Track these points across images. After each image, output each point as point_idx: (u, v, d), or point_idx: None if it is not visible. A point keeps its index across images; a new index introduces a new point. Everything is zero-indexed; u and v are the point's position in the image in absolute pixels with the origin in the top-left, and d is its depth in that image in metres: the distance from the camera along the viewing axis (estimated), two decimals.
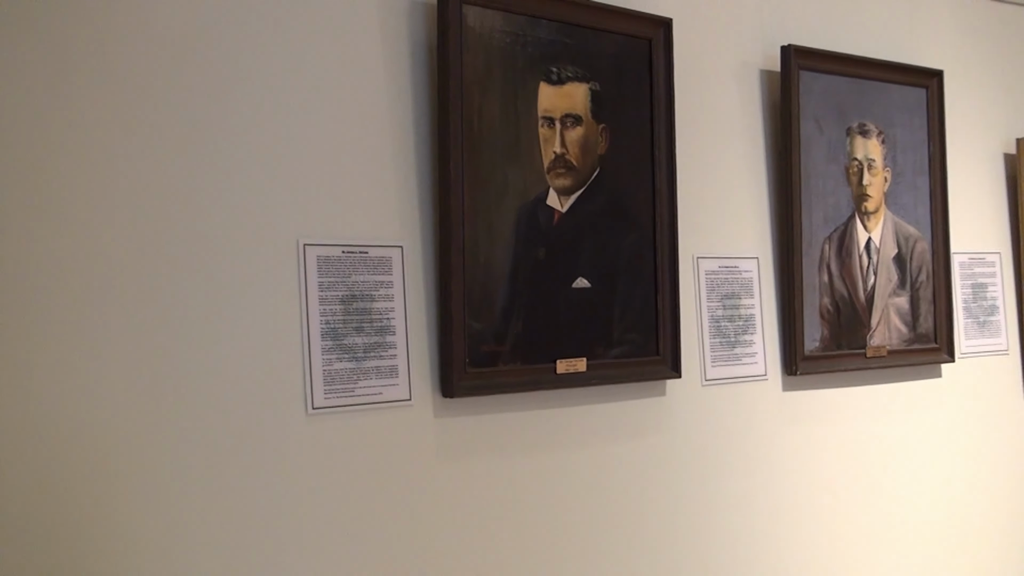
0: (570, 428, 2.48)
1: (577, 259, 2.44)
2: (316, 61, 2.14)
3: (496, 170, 2.31)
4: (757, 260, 2.83)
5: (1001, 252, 3.40)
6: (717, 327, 2.74)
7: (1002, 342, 3.37)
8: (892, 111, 3.08)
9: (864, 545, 3.02)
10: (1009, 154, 3.43)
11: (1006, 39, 3.47)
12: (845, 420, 3.00)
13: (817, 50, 2.90)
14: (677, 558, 2.65)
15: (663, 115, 2.60)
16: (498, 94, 2.32)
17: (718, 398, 2.74)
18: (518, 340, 2.34)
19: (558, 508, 2.45)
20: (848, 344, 2.95)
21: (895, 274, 3.06)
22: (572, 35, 2.45)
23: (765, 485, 2.82)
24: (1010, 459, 3.38)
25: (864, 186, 3.00)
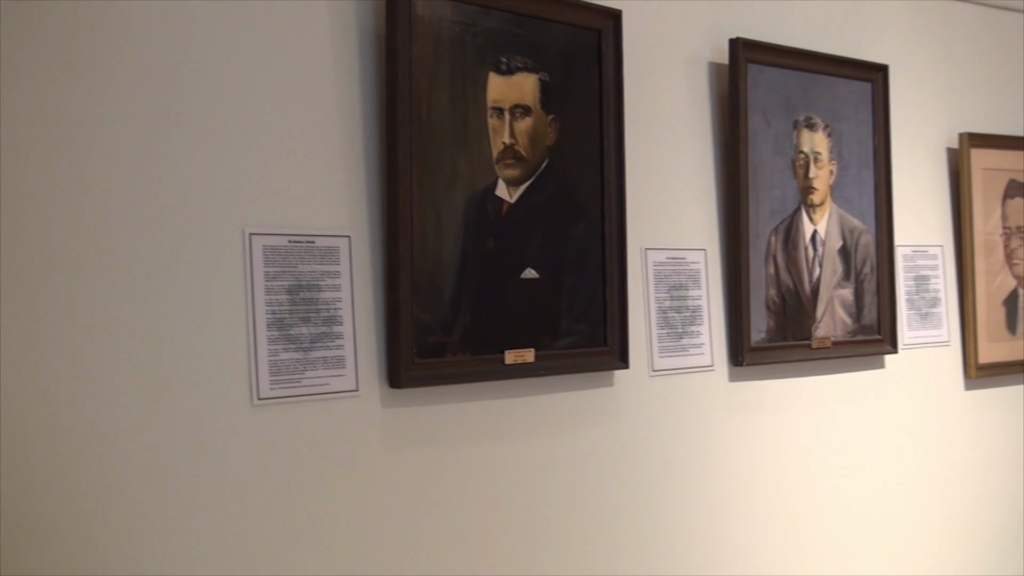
0: (518, 419, 2.48)
1: (526, 250, 2.44)
2: (263, 49, 2.12)
3: (445, 160, 2.30)
4: (705, 252, 2.85)
5: (943, 245, 3.45)
6: (665, 318, 2.76)
7: (943, 334, 3.42)
8: (838, 105, 3.11)
9: (809, 533, 3.06)
10: (952, 148, 3.48)
11: (950, 35, 3.51)
12: (790, 410, 3.03)
13: (765, 43, 2.92)
14: (625, 547, 2.67)
15: (612, 106, 2.60)
16: (447, 84, 2.31)
17: (665, 389, 2.76)
18: (466, 331, 2.34)
19: (506, 498, 2.46)
20: (794, 335, 2.98)
21: (840, 266, 3.09)
22: (522, 25, 2.44)
23: (711, 475, 2.84)
24: (950, 448, 3.43)
25: (810, 179, 3.03)
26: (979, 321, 3.45)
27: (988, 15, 3.61)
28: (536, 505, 2.51)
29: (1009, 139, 3.56)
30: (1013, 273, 3.57)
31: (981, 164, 3.47)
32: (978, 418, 3.50)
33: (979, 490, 3.49)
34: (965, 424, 3.47)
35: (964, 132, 3.45)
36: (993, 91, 3.62)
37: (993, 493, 3.53)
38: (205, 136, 2.04)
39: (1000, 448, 3.56)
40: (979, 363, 3.45)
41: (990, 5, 3.61)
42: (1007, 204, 3.56)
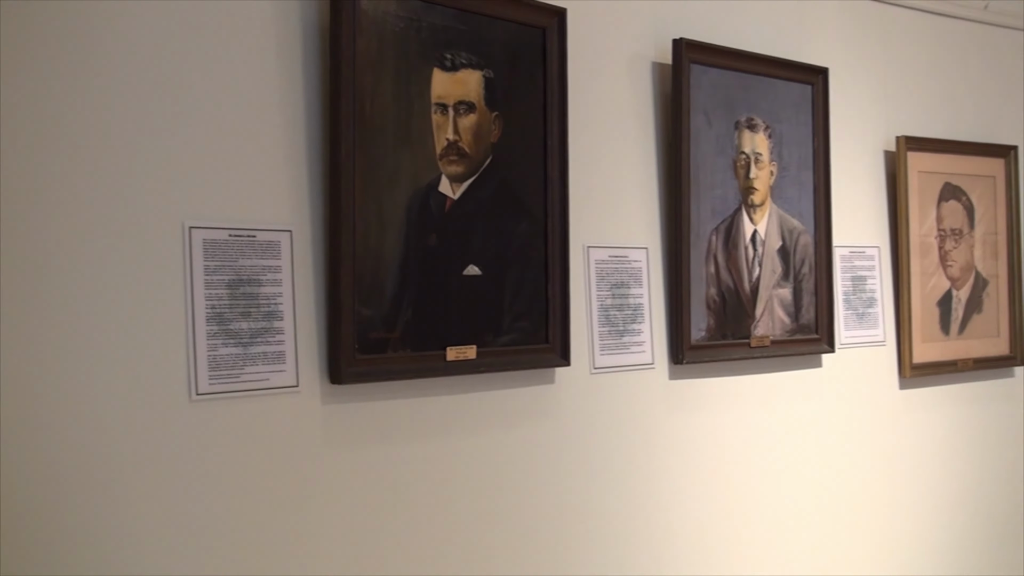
0: (460, 415, 2.48)
1: (468, 246, 2.44)
2: (205, 41, 2.10)
3: (388, 156, 2.29)
4: (646, 250, 2.87)
5: (880, 246, 3.51)
6: (606, 316, 2.77)
7: (879, 333, 3.47)
8: (779, 106, 3.14)
9: (748, 529, 3.09)
10: (889, 151, 3.53)
11: (889, 39, 3.57)
12: (730, 408, 3.06)
13: (708, 44, 2.94)
14: (566, 543, 2.68)
15: (556, 104, 2.61)
16: (391, 79, 2.30)
17: (606, 386, 2.77)
18: (408, 327, 2.33)
19: (447, 495, 2.45)
20: (733, 334, 3.01)
21: (779, 266, 3.13)
22: (466, 22, 2.44)
23: (652, 472, 2.86)
24: (885, 446, 3.48)
25: (751, 179, 3.06)
26: (914, 321, 3.51)
27: (925, 20, 3.67)
28: (478, 501, 2.51)
29: (945, 143, 3.62)
30: (947, 275, 3.64)
31: (917, 167, 3.53)
32: (912, 417, 3.56)
33: (912, 487, 3.55)
34: (899, 422, 3.53)
35: (901, 135, 3.50)
36: (930, 95, 3.68)
37: (925, 490, 3.59)
38: (145, 128, 2.01)
39: (932, 446, 3.62)
40: (913, 363, 3.51)
41: (927, 11, 3.68)
42: (942, 207, 3.62)
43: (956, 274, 3.66)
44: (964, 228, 3.69)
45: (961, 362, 3.66)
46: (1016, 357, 3.82)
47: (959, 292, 3.67)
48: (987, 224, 3.75)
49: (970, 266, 3.70)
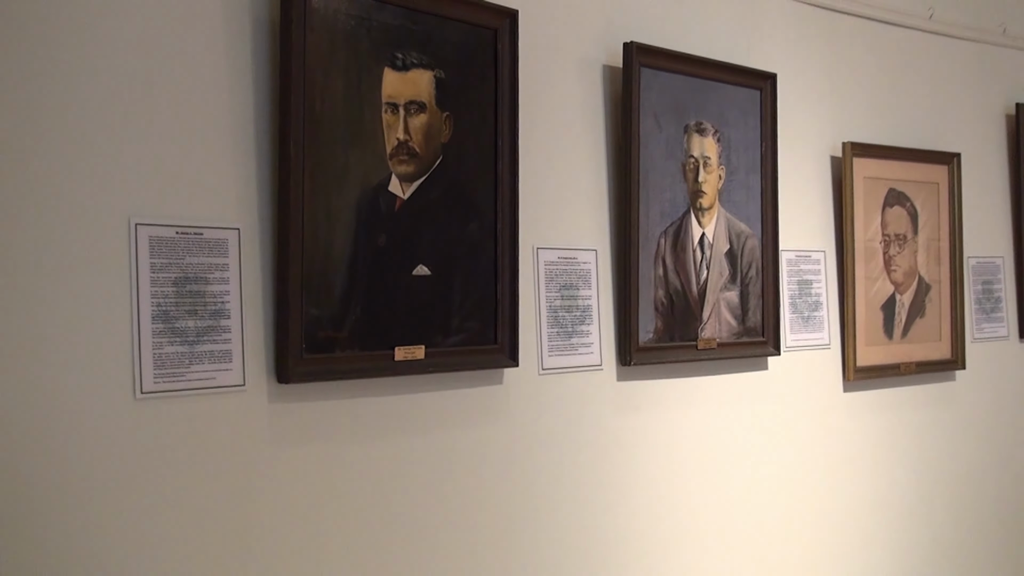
0: (408, 415, 2.48)
1: (418, 246, 2.44)
2: (152, 35, 2.08)
3: (338, 154, 2.29)
4: (595, 252, 2.89)
5: (826, 250, 3.55)
6: (555, 317, 2.78)
7: (824, 337, 3.51)
8: (728, 111, 3.17)
9: (695, 531, 3.11)
10: (836, 157, 3.57)
11: (836, 46, 3.61)
12: (677, 410, 3.08)
13: (658, 48, 2.96)
14: (513, 544, 2.68)
15: (507, 105, 2.61)
16: (342, 77, 2.29)
17: (554, 387, 2.78)
18: (356, 326, 2.32)
19: (395, 495, 2.45)
20: (680, 336, 3.04)
21: (726, 269, 3.16)
22: (418, 21, 2.44)
23: (600, 473, 2.88)
24: (829, 448, 3.52)
25: (700, 183, 3.09)
26: (858, 325, 3.56)
27: (872, 28, 3.72)
28: (426, 501, 2.51)
29: (890, 149, 3.67)
30: (891, 279, 3.69)
31: (863, 173, 3.58)
32: (855, 419, 3.60)
33: (855, 488, 3.59)
34: (843, 425, 3.57)
35: (847, 141, 3.54)
36: (876, 102, 3.73)
37: (868, 491, 3.63)
38: (90, 123, 1.99)
39: (875, 448, 3.67)
40: (857, 366, 3.55)
41: (874, 19, 3.73)
42: (887, 212, 3.67)
43: (900, 279, 3.72)
44: (908, 233, 3.74)
45: (904, 366, 3.71)
46: (957, 361, 3.89)
47: (902, 297, 3.72)
48: (930, 230, 3.81)
49: (913, 271, 3.76)
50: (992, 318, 4.06)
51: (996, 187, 4.12)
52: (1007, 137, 4.16)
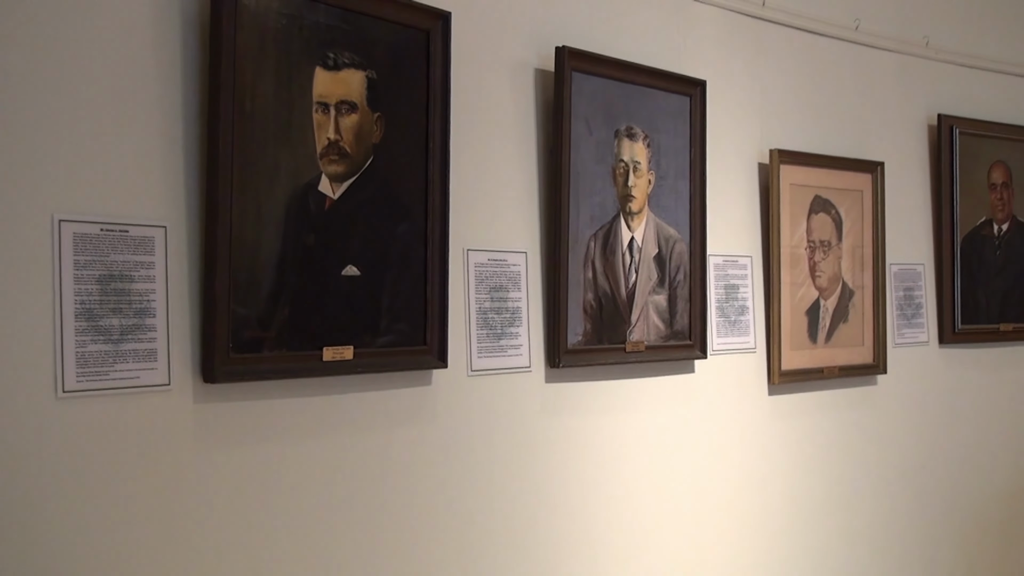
0: (336, 416, 2.47)
1: (347, 247, 2.44)
2: (78, 31, 2.05)
3: (267, 153, 2.28)
4: (525, 255, 2.90)
5: (752, 256, 3.60)
6: (484, 319, 2.79)
7: (750, 341, 3.57)
8: (658, 117, 3.21)
9: (622, 533, 3.14)
10: (763, 164, 3.63)
11: (765, 55, 3.67)
12: (605, 411, 3.11)
13: (590, 53, 2.99)
14: (442, 545, 2.68)
15: (439, 107, 2.62)
16: (272, 76, 2.28)
17: (483, 389, 2.79)
18: (284, 326, 2.31)
19: (323, 496, 2.44)
20: (609, 339, 3.06)
21: (655, 273, 3.19)
22: (350, 21, 2.43)
23: (528, 474, 2.89)
24: (753, 451, 3.57)
25: (629, 187, 3.12)
26: (783, 329, 3.61)
27: (799, 37, 3.79)
28: (354, 502, 2.50)
29: (815, 157, 3.74)
30: (816, 285, 3.76)
31: (789, 180, 3.64)
32: (780, 422, 3.66)
33: (779, 490, 3.65)
34: (768, 428, 3.62)
35: (774, 148, 3.60)
36: (802, 110, 3.79)
37: (792, 493, 3.69)
38: (14, 119, 1.96)
39: (799, 451, 3.73)
40: (782, 370, 3.61)
41: (802, 28, 3.79)
42: (812, 219, 3.74)
43: (824, 284, 3.79)
44: (832, 240, 3.81)
45: (827, 370, 3.78)
46: (879, 366, 3.97)
47: (826, 302, 3.79)
48: (854, 237, 3.89)
49: (837, 277, 3.83)
50: (913, 324, 4.15)
51: (918, 195, 4.21)
52: (929, 147, 4.26)
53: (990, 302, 4.37)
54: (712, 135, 3.38)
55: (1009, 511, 4.43)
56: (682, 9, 3.40)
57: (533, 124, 2.95)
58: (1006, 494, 4.42)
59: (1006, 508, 4.42)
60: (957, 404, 4.28)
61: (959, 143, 4.24)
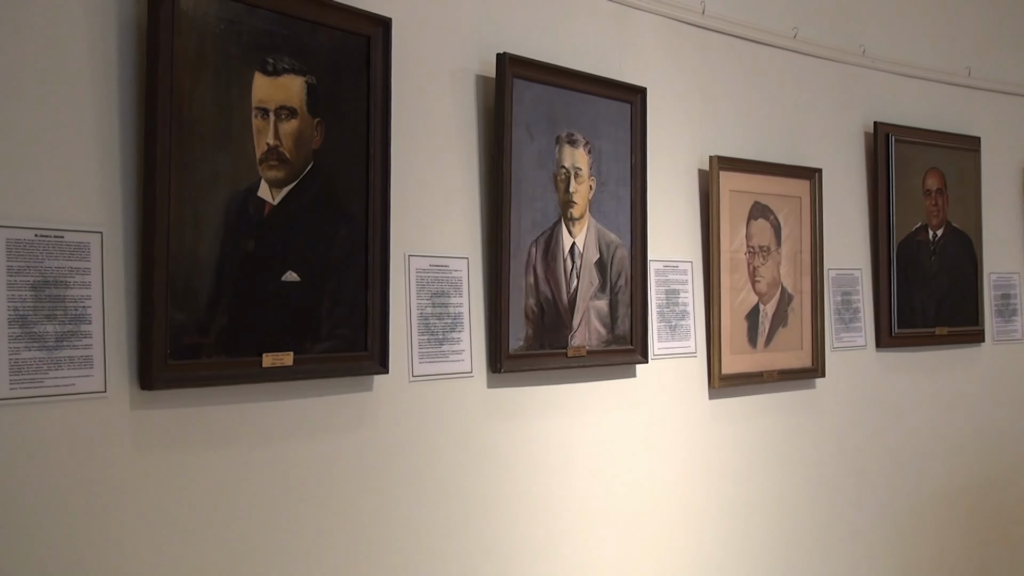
0: (276, 423, 2.47)
1: (287, 252, 2.43)
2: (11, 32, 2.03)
3: (206, 159, 2.27)
4: (467, 260, 2.91)
5: (693, 261, 3.64)
6: (426, 324, 2.79)
7: (691, 345, 3.60)
8: (599, 123, 3.23)
9: (566, 537, 3.15)
10: (703, 170, 3.67)
11: (704, 63, 3.71)
12: (547, 416, 3.13)
13: (531, 60, 3.01)
14: (383, 552, 2.68)
15: (379, 113, 2.62)
16: (211, 81, 2.28)
17: (425, 394, 2.79)
18: (223, 332, 2.30)
19: (264, 503, 2.43)
20: (551, 344, 3.08)
21: (596, 278, 3.22)
22: (289, 27, 2.43)
23: (470, 479, 2.90)
24: (694, 454, 3.61)
25: (570, 193, 3.14)
26: (723, 334, 3.65)
27: (739, 46, 3.83)
28: (295, 509, 2.49)
29: (755, 163, 3.78)
30: (755, 290, 3.80)
31: (729, 186, 3.68)
32: (720, 425, 3.70)
33: (719, 493, 3.68)
34: (708, 431, 3.66)
35: (714, 155, 3.64)
36: (742, 117, 3.84)
37: (732, 496, 3.73)
38: None
39: (739, 454, 3.77)
40: (722, 374, 3.65)
41: (741, 36, 3.83)
42: (751, 225, 3.79)
43: (763, 289, 3.83)
44: (771, 246, 3.86)
45: (767, 374, 3.83)
46: (817, 370, 4.02)
47: (766, 307, 3.84)
48: (793, 242, 3.94)
49: (776, 282, 3.88)
50: (850, 328, 4.21)
51: (855, 202, 4.28)
52: (865, 154, 4.33)
53: (925, 306, 4.45)
54: (653, 142, 3.42)
55: (944, 511, 4.51)
56: (623, 17, 3.43)
57: (475, 130, 2.96)
58: (941, 494, 4.50)
59: (941, 508, 4.50)
60: (894, 406, 4.35)
61: (895, 150, 4.32)
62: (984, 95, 4.79)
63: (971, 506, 4.62)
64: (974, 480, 4.63)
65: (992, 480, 4.69)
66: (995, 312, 4.80)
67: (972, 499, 4.62)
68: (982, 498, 4.66)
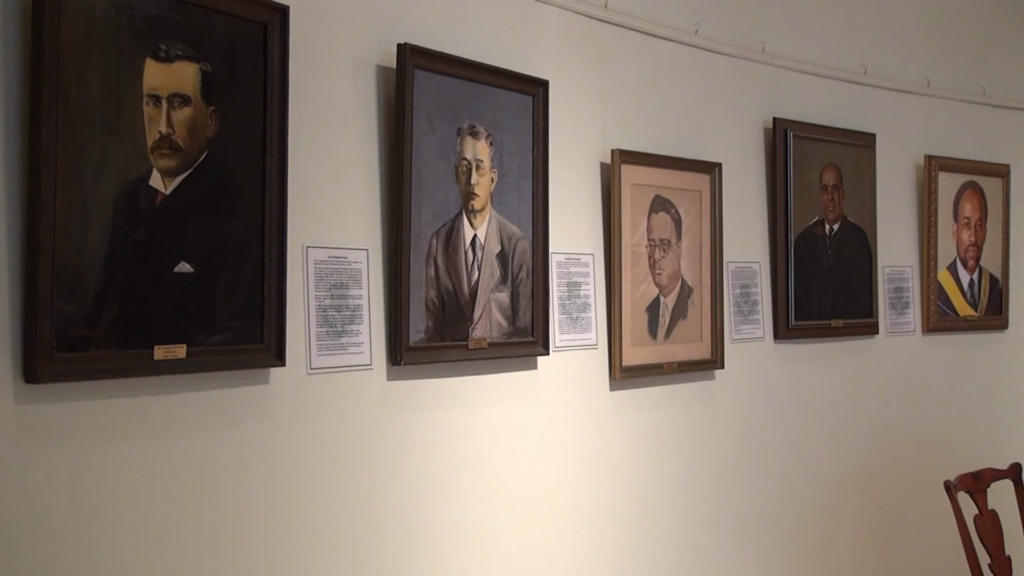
0: (169, 416, 2.42)
1: (180, 243, 2.39)
2: None
3: (95, 147, 2.21)
4: (367, 252, 2.89)
5: (594, 254, 3.66)
6: (324, 316, 2.76)
7: (592, 337, 3.63)
8: (501, 115, 3.23)
9: (468, 530, 3.15)
10: (605, 163, 3.69)
11: (607, 57, 3.73)
12: (448, 409, 3.12)
13: (432, 51, 2.99)
14: (281, 546, 2.65)
15: (276, 102, 2.59)
16: (100, 67, 2.22)
17: (323, 387, 2.77)
18: (113, 324, 2.25)
19: (156, 498, 2.39)
20: (451, 336, 3.07)
21: (498, 270, 3.22)
22: (183, 12, 2.38)
23: (371, 471, 2.88)
24: (597, 445, 3.63)
25: (472, 185, 3.14)
26: (624, 326, 3.68)
27: (641, 40, 3.86)
28: (189, 504, 2.45)
29: (656, 157, 3.82)
30: (656, 282, 3.84)
31: (630, 180, 3.71)
32: (621, 416, 3.73)
33: (622, 484, 3.72)
34: (610, 422, 3.69)
35: (616, 148, 3.67)
36: (644, 111, 3.87)
37: (634, 486, 3.77)
38: None
39: (641, 444, 3.81)
40: (623, 365, 3.68)
41: (643, 31, 3.86)
42: (652, 218, 3.82)
43: (664, 282, 3.88)
44: (672, 239, 3.91)
45: (667, 365, 3.87)
46: (716, 361, 4.08)
47: (666, 299, 3.89)
48: (693, 236, 3.99)
49: (677, 275, 3.93)
50: (749, 320, 4.28)
51: (754, 196, 4.35)
52: (765, 149, 4.40)
53: (822, 299, 4.55)
54: (555, 134, 3.43)
55: (838, 497, 4.62)
56: (527, 10, 3.43)
57: (375, 121, 2.94)
58: (835, 480, 4.61)
59: (835, 494, 4.61)
60: (790, 396, 4.44)
61: (793, 146, 4.40)
62: (879, 92, 4.91)
63: (863, 492, 4.73)
64: (867, 467, 4.75)
65: (884, 467, 4.82)
66: (889, 304, 4.93)
67: (865, 485, 4.74)
68: (874, 485, 4.78)
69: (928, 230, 5.08)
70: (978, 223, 5.29)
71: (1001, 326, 5.42)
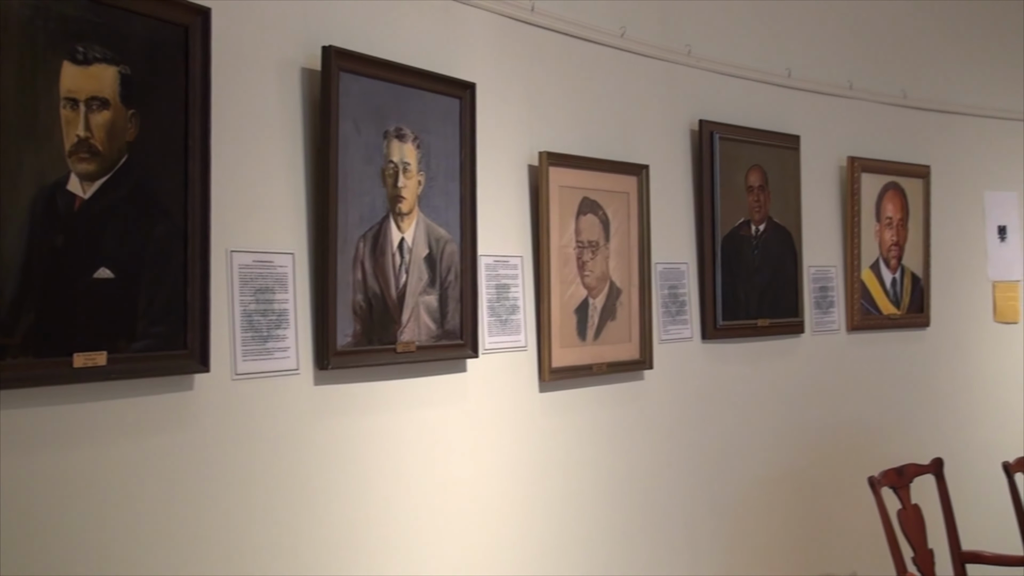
0: (89, 424, 2.38)
1: (100, 248, 2.35)
2: None
3: (9, 151, 2.17)
4: (293, 256, 2.87)
5: (523, 256, 3.67)
6: (249, 321, 2.74)
7: (521, 339, 3.63)
8: (428, 118, 3.23)
9: (398, 535, 3.14)
10: (532, 166, 3.70)
11: (534, 60, 3.74)
12: (377, 413, 3.11)
13: (358, 53, 2.98)
14: (206, 554, 2.62)
15: (198, 105, 2.56)
16: (14, 70, 2.18)
17: (249, 392, 2.74)
18: (30, 332, 2.21)
19: (76, 508, 2.35)
20: (379, 339, 3.06)
21: (426, 273, 3.21)
22: (101, 14, 2.35)
23: (296, 477, 2.86)
24: (527, 447, 3.64)
25: (399, 188, 3.13)
26: (553, 328, 3.70)
27: (567, 43, 3.88)
28: (110, 513, 2.42)
29: (583, 160, 3.84)
30: (584, 284, 3.86)
31: (558, 182, 3.73)
32: (551, 417, 3.74)
33: (551, 485, 3.72)
34: (539, 424, 3.70)
35: (543, 151, 3.68)
36: (571, 114, 3.89)
37: (565, 487, 3.78)
38: None
39: (571, 445, 3.82)
40: (552, 367, 3.69)
41: (570, 34, 3.88)
42: (580, 220, 3.84)
43: (593, 283, 3.90)
44: (600, 240, 3.93)
45: (596, 366, 3.89)
46: (645, 361, 4.11)
47: (595, 300, 3.91)
48: (621, 237, 4.02)
49: (605, 276, 3.95)
50: (677, 320, 4.32)
51: (681, 197, 4.39)
52: (691, 151, 4.44)
53: (749, 299, 4.60)
54: (482, 137, 3.43)
55: (766, 493, 4.67)
56: (453, 12, 3.43)
57: (300, 124, 2.91)
58: (763, 477, 4.67)
59: (763, 490, 4.66)
60: (719, 395, 4.49)
61: (719, 147, 4.45)
62: (803, 95, 4.98)
63: (791, 489, 4.80)
64: (794, 464, 4.82)
65: (811, 463, 4.89)
66: (814, 304, 5.00)
67: (792, 482, 4.80)
68: (801, 481, 4.85)
69: (851, 230, 5.17)
70: (900, 223, 5.40)
71: (923, 324, 5.53)
